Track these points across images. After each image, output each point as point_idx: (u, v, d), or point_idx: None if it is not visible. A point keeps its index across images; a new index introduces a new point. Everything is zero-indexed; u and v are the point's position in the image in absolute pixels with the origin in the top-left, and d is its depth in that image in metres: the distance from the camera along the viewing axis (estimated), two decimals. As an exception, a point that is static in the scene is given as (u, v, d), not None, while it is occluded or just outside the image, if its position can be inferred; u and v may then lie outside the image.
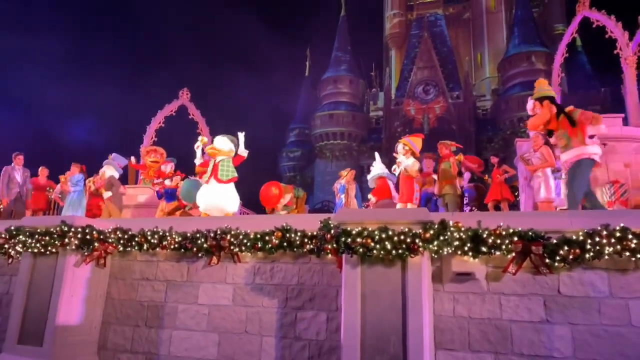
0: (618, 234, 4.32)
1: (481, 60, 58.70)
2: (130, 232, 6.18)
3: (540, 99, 5.89)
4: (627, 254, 4.32)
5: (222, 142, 7.33)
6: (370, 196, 9.92)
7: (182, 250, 5.96)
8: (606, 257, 4.38)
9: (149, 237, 6.07)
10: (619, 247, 4.32)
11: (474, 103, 50.95)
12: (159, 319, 5.95)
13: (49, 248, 5.87)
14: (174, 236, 5.98)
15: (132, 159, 11.50)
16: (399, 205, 8.10)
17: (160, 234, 6.05)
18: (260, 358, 5.39)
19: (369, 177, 9.64)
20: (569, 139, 5.67)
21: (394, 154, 8.54)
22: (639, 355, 4.21)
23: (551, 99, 5.87)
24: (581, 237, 4.43)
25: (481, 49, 59.05)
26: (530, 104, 6.02)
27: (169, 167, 10.13)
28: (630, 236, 4.30)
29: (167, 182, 9.24)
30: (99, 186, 9.53)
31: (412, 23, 57.96)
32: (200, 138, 7.91)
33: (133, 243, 6.14)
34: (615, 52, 12.90)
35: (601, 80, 46.08)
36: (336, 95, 54.50)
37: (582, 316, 4.48)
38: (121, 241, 6.16)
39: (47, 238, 5.88)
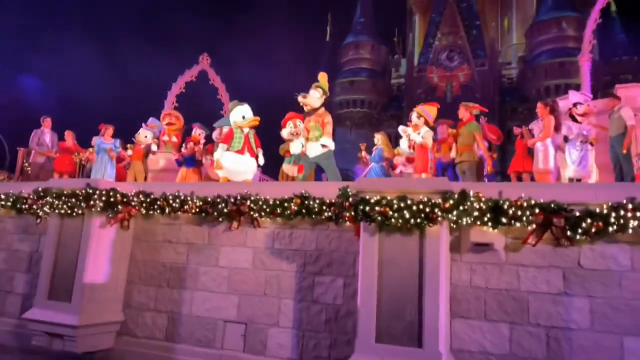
0: (645, 208, 4.23)
1: (508, 26, 56.48)
2: (152, 196, 6.30)
3: (322, 89, 7.44)
4: (653, 228, 4.23)
5: (251, 112, 7.31)
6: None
7: (203, 214, 6.08)
8: (630, 230, 4.30)
9: (171, 201, 6.19)
10: (644, 221, 4.23)
11: (499, 71, 49.40)
12: (180, 280, 6.14)
13: (75, 209, 6.05)
14: (195, 200, 6.09)
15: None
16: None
17: (182, 198, 6.16)
18: (278, 320, 5.54)
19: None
20: (320, 132, 7.24)
21: (408, 123, 8.28)
22: (659, 329, 4.19)
23: (326, 95, 7.52)
24: (605, 210, 4.34)
25: (509, 14, 56.70)
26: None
27: (197, 132, 10.16)
28: (657, 210, 4.20)
29: (182, 149, 9.31)
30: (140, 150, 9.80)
31: (437, -14, 55.80)
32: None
33: (155, 206, 6.28)
34: (652, 17, 12.22)
35: (636, 47, 43.98)
36: (357, 61, 53.41)
37: (602, 289, 4.45)
38: (144, 204, 6.30)
39: (73, 200, 6.05)
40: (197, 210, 6.08)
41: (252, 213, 5.77)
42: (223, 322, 5.79)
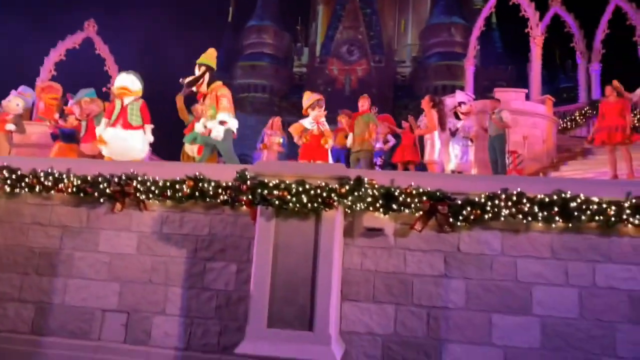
0: (514, 198, 4.70)
1: (405, 26, 59.79)
2: (19, 172, 5.54)
3: (203, 65, 6.50)
4: (520, 216, 4.73)
5: (130, 81, 6.70)
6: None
7: (82, 194, 5.50)
8: (502, 218, 4.75)
9: (43, 179, 5.50)
10: (514, 209, 4.70)
11: (394, 68, 52.17)
12: (52, 267, 5.50)
13: None
14: (72, 179, 5.48)
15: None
16: None
17: (56, 176, 5.50)
18: (165, 308, 5.23)
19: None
20: (215, 109, 6.42)
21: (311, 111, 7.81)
22: (522, 308, 4.70)
23: (212, 70, 6.52)
24: (483, 199, 4.74)
25: (405, 15, 60.02)
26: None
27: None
28: (524, 200, 4.70)
29: (61, 122, 8.33)
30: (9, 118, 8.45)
31: (341, -21, 56.92)
32: None
33: (23, 184, 5.54)
34: (525, 30, 13.73)
35: (510, 57, 49.18)
36: (259, 45, 52.67)
37: (476, 272, 4.86)
38: (8, 181, 5.52)
39: None
40: (74, 189, 5.47)
41: (138, 195, 5.35)
42: (102, 312, 5.31)
